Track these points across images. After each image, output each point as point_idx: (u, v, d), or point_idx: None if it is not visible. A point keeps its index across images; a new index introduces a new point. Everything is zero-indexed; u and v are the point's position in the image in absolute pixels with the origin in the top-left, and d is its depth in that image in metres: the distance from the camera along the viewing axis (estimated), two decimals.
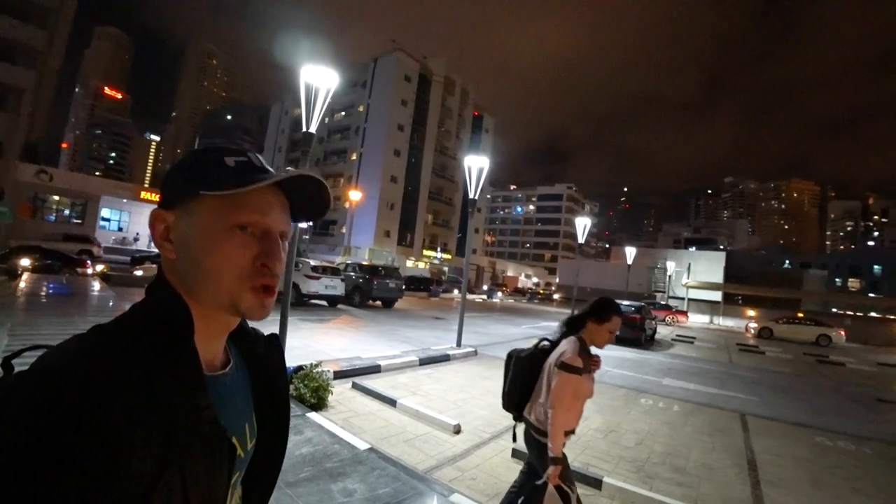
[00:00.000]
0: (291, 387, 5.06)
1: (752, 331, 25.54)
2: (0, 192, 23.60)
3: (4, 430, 0.41)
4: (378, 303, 17.09)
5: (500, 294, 40.12)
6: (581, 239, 15.78)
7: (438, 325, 13.62)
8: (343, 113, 56.98)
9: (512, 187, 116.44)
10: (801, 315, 27.59)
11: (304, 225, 41.48)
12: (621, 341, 13.86)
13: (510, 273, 69.81)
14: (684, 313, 30.61)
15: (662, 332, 20.54)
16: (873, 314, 37.32)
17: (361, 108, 53.50)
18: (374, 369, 6.59)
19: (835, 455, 5.23)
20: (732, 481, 4.05)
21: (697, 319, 34.45)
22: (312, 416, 4.42)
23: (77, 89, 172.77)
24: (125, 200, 32.51)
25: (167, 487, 0.47)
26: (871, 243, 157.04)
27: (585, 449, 4.50)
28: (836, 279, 79.16)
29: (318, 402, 4.81)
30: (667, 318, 28.28)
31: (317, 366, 5.19)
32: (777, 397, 8.41)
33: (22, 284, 11.00)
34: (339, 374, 6.04)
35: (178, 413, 0.49)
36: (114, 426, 0.43)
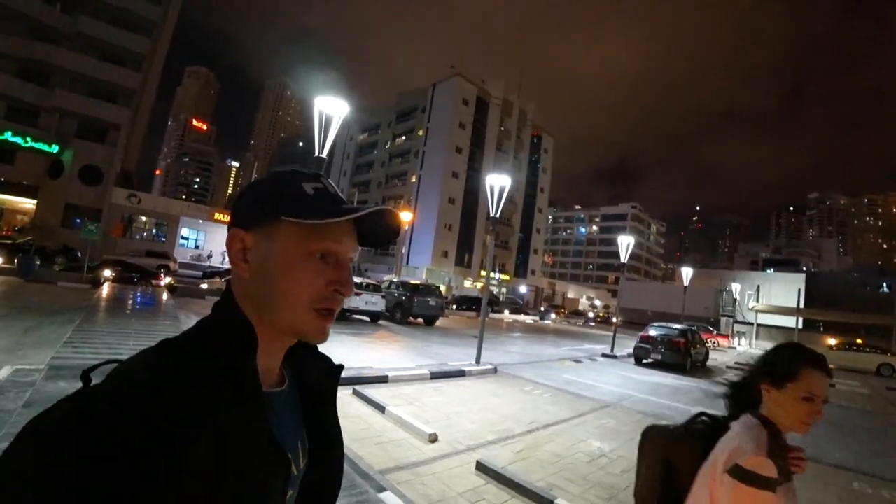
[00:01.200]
0: None
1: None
2: (97, 214, 26.82)
3: (78, 434, 0.44)
4: (420, 320, 17.45)
5: (553, 315, 39.26)
6: (624, 258, 15.39)
7: (475, 343, 13.72)
8: (403, 137, 59.16)
9: (577, 207, 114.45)
10: (860, 341, 25.19)
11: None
12: (663, 366, 13.34)
13: (571, 294, 68.29)
14: (725, 336, 28.64)
15: (720, 359, 19.39)
16: None
17: (421, 132, 55.26)
18: (382, 379, 6.87)
19: (868, 502, 4.72)
20: None
21: (767, 346, 31.87)
22: None
23: (170, 122, 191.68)
24: (201, 221, 35.61)
25: (226, 496, 0.49)
26: None
27: (562, 469, 4.40)
28: None
29: None
30: (708, 340, 26.66)
31: None
32: (828, 434, 7.59)
33: (103, 292, 12.53)
34: (344, 382, 6.35)
35: (236, 425, 0.52)
36: (174, 433, 0.46)
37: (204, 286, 19.22)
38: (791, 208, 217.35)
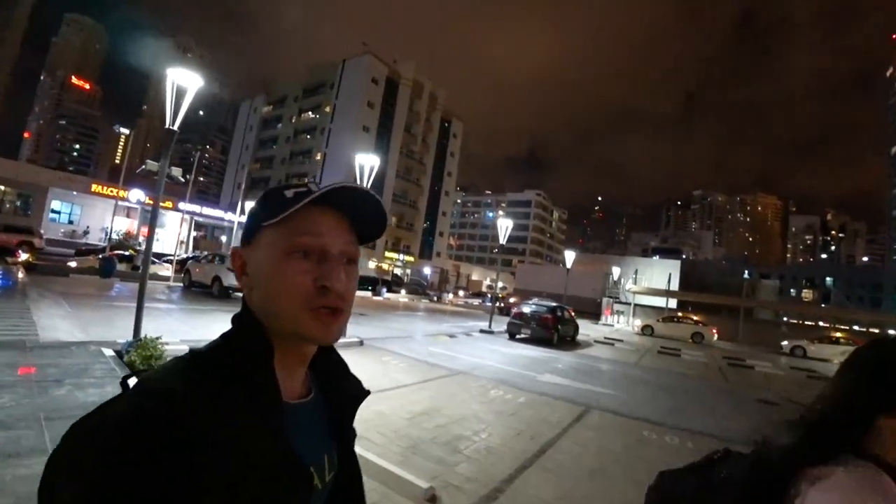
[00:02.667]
0: (126, 357, 5.48)
1: (637, 328, 27.19)
2: None
3: (99, 442, 0.46)
4: None
5: (451, 296, 40.78)
6: (503, 240, 16.46)
7: (356, 320, 14.01)
8: (310, 113, 57.20)
9: (487, 192, 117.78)
10: (681, 315, 29.49)
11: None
12: (534, 341, 14.45)
13: (475, 277, 70.60)
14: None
15: (592, 334, 21.41)
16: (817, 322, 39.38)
17: (328, 109, 53.78)
18: None
19: (650, 449, 5.33)
20: (498, 465, 4.10)
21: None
22: (130, 381, 4.80)
23: (42, 78, 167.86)
24: (76, 193, 32.04)
25: None
26: (823, 256, 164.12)
27: (380, 425, 4.68)
28: (792, 290, 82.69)
29: (148, 369, 5.20)
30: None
31: (157, 338, 5.62)
32: (647, 396, 8.70)
33: None
34: None
35: (254, 435, 0.52)
36: (191, 442, 0.47)
37: (72, 264, 17.55)
38: (678, 203, 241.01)
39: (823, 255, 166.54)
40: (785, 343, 25.46)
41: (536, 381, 8.46)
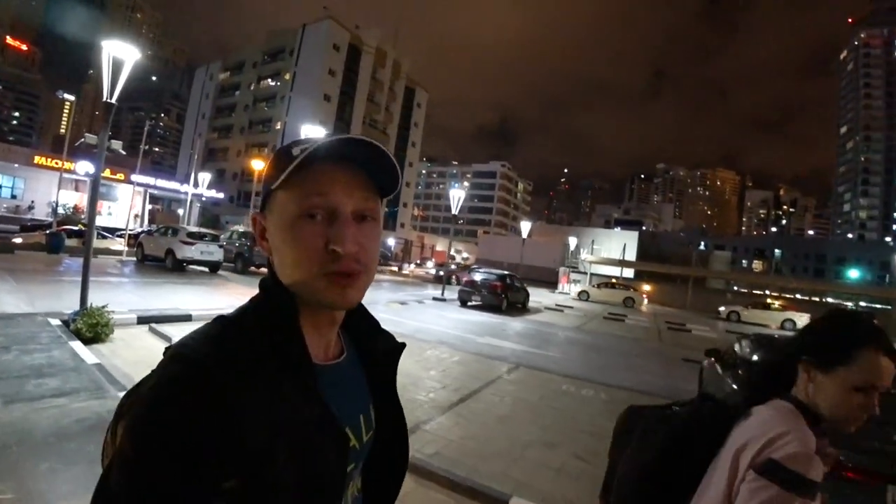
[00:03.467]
0: (73, 325, 5.75)
1: (575, 294, 28.81)
2: None
3: (139, 403, 0.49)
4: (263, 269, 17.37)
5: (411, 266, 41.46)
6: (455, 210, 16.94)
7: None
8: (270, 80, 55.38)
9: (454, 163, 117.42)
10: (614, 281, 31.54)
11: (220, 195, 40.60)
12: (484, 307, 15.15)
13: (440, 247, 71.15)
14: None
15: (545, 301, 22.39)
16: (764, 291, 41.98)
17: (288, 76, 52.20)
18: (185, 318, 7.21)
19: (563, 399, 5.89)
20: (416, 412, 4.49)
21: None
22: (75, 344, 5.06)
23: None
24: (17, 166, 30.45)
25: (280, 468, 0.49)
26: (774, 229, 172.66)
27: None
28: (744, 261, 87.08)
29: (94, 336, 5.45)
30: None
31: (103, 307, 5.89)
32: (578, 355, 9.46)
33: None
34: (144, 321, 6.64)
35: (288, 397, 0.52)
36: (227, 403, 0.47)
37: (17, 240, 17.03)
38: (642, 176, 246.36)
39: (774, 229, 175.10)
40: (722, 308, 27.19)
41: (475, 343, 9.06)
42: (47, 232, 15.57)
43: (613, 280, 31.83)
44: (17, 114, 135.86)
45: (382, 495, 0.74)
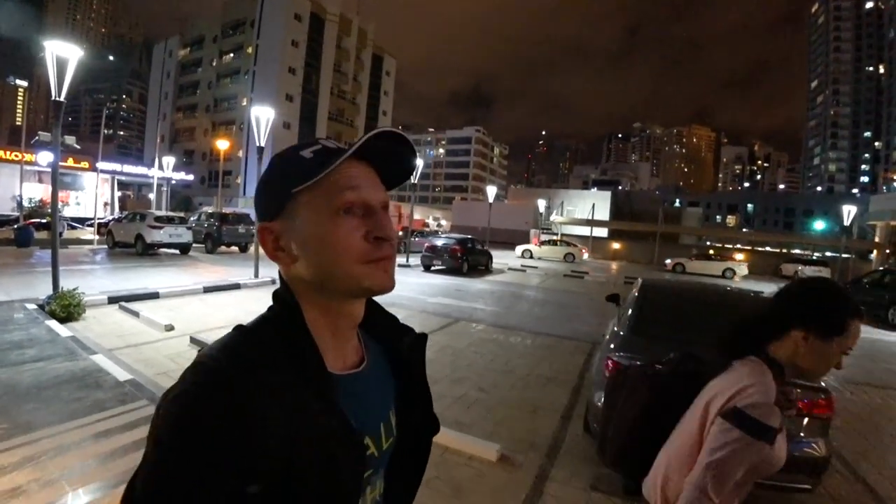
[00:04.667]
0: (47, 308, 6.43)
1: (519, 253, 29.68)
2: None
3: (164, 411, 0.51)
4: (235, 248, 18.09)
5: None
6: (414, 179, 17.62)
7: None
8: (231, 55, 54.12)
9: (430, 130, 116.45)
10: (555, 239, 33.22)
11: (190, 177, 40.32)
12: (446, 271, 16.05)
13: (417, 216, 71.50)
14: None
15: (512, 262, 23.33)
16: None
17: (250, 50, 51.10)
18: (152, 296, 7.91)
19: (490, 346, 6.70)
20: None
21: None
22: (50, 322, 5.75)
23: None
24: None
25: (298, 475, 0.51)
26: (746, 185, 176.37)
27: None
28: (717, 216, 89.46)
29: (68, 315, 6.14)
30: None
31: (74, 289, 6.54)
32: (522, 310, 10.32)
33: None
34: (115, 299, 7.33)
35: (306, 407, 0.53)
36: (248, 410, 0.49)
37: None
38: (619, 136, 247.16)
39: (747, 184, 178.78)
40: (668, 261, 28.44)
41: (425, 303, 9.90)
42: (15, 227, 15.81)
43: (555, 239, 33.08)
44: None
45: (402, 498, 0.77)
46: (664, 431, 1.20)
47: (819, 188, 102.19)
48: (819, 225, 62.41)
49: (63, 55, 6.84)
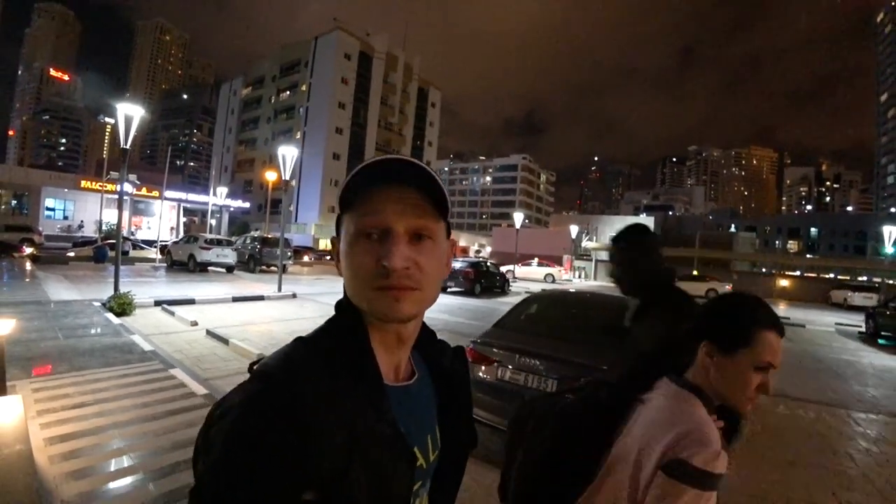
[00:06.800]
0: (107, 305, 8.29)
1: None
2: None
3: (227, 418, 0.52)
4: (274, 268, 20.02)
5: None
6: (457, 206, 19.17)
7: (311, 282, 16.96)
8: (288, 92, 58.75)
9: (482, 158, 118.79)
10: (538, 260, 34.33)
11: (247, 205, 44.04)
12: (461, 292, 17.26)
13: (463, 243, 73.30)
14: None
15: (536, 287, 24.14)
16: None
17: (304, 88, 55.37)
18: (189, 301, 9.71)
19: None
20: None
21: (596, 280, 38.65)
22: (108, 315, 7.62)
23: (20, 72, 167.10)
24: (67, 190, 34.32)
25: (353, 483, 0.52)
26: (809, 207, 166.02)
27: (263, 335, 7.48)
28: (777, 241, 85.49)
29: (122, 311, 7.95)
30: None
31: (128, 292, 8.42)
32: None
33: None
34: (159, 302, 9.16)
35: (360, 417, 0.54)
36: (306, 418, 0.50)
37: (71, 254, 20.31)
38: (674, 159, 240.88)
39: (808, 207, 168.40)
40: None
41: (426, 318, 11.12)
42: (94, 246, 18.73)
43: (537, 260, 34.25)
44: (63, 140, 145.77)
45: None
46: (575, 473, 1.02)
47: (894, 209, 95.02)
48: (890, 249, 58.16)
49: (129, 113, 8.91)
